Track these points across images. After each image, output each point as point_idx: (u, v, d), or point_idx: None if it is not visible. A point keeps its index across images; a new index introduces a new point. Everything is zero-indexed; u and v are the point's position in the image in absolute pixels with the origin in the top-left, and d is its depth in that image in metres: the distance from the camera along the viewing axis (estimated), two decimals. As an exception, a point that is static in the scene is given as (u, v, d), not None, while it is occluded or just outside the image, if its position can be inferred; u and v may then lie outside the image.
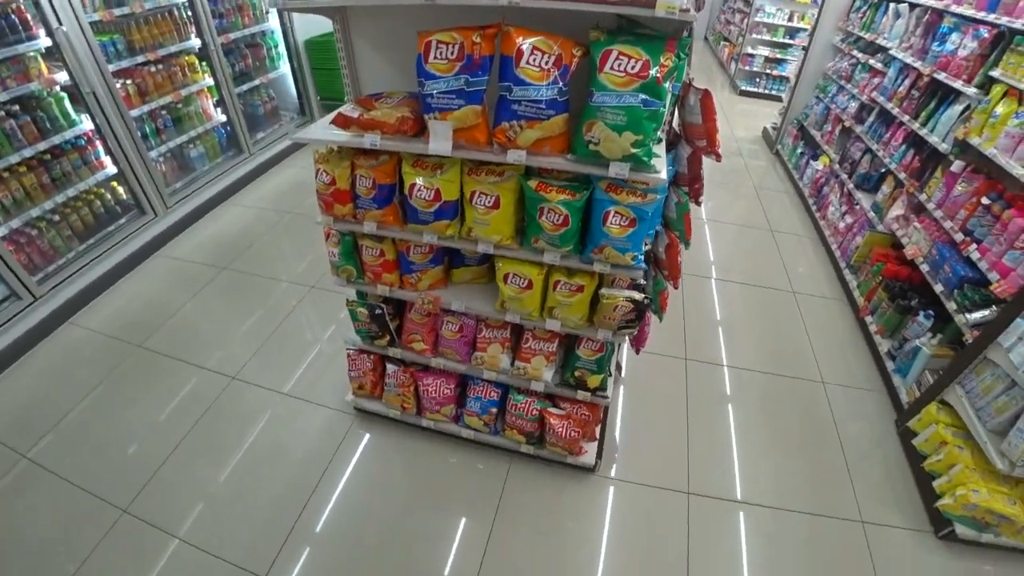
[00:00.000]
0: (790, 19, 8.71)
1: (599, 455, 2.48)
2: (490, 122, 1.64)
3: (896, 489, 2.56)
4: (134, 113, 3.83)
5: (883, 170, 4.24)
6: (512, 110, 1.57)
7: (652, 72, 1.48)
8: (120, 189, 3.95)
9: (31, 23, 3.14)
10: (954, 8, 3.56)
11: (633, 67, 1.48)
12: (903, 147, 3.88)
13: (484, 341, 2.26)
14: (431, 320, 2.28)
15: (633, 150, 1.55)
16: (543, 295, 2.00)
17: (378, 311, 2.23)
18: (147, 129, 4.05)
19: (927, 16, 3.88)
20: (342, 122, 1.71)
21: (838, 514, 2.42)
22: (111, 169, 3.78)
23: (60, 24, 3.20)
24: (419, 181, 1.76)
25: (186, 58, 4.22)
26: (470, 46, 1.52)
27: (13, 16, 3.05)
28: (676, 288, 2.22)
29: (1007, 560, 2.30)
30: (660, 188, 1.68)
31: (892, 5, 4.40)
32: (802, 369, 3.21)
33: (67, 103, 3.40)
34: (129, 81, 3.82)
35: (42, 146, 3.28)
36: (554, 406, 2.34)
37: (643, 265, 1.82)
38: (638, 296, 1.91)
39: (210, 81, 4.39)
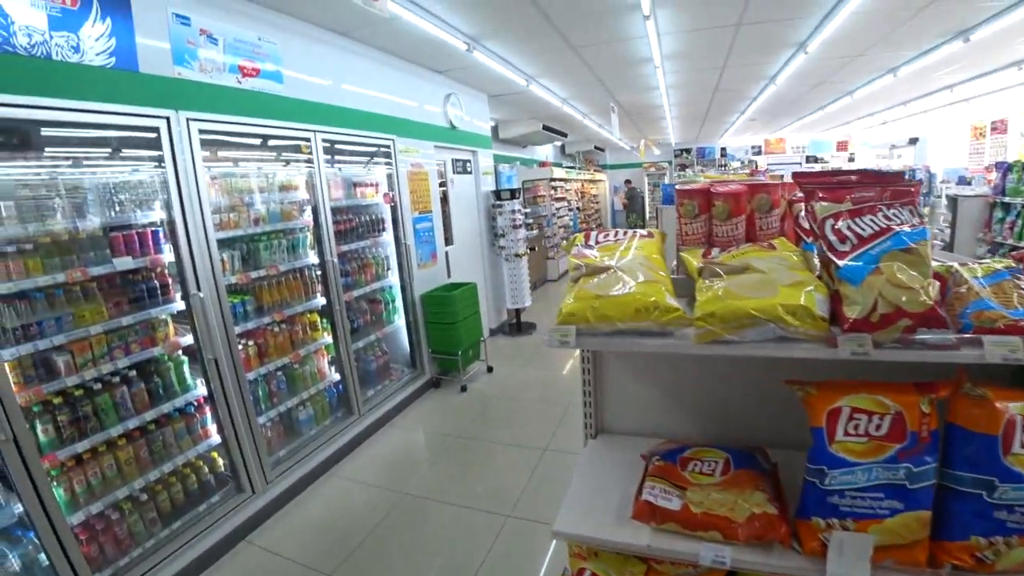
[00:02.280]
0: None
1: None
2: (931, 530, 1.01)
3: None
4: (250, 376, 3.52)
5: None
6: (995, 519, 0.93)
7: None
8: (220, 461, 3.45)
9: (170, 287, 3.00)
10: None
11: None
12: None
13: None
14: None
15: None
16: None
17: None
18: (260, 392, 3.70)
19: None
20: (648, 513, 1.11)
21: None
22: (215, 439, 3.33)
23: (199, 290, 3.05)
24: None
25: (308, 317, 4.08)
26: (915, 418, 0.95)
27: (155, 280, 2.93)
28: None
29: None
30: None
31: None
32: None
33: (186, 367, 3.12)
34: (251, 342, 3.60)
35: (150, 415, 2.87)
36: None
37: None
38: None
39: (329, 339, 4.19)
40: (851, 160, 13.26)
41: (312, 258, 4.07)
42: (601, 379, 1.51)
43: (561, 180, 8.89)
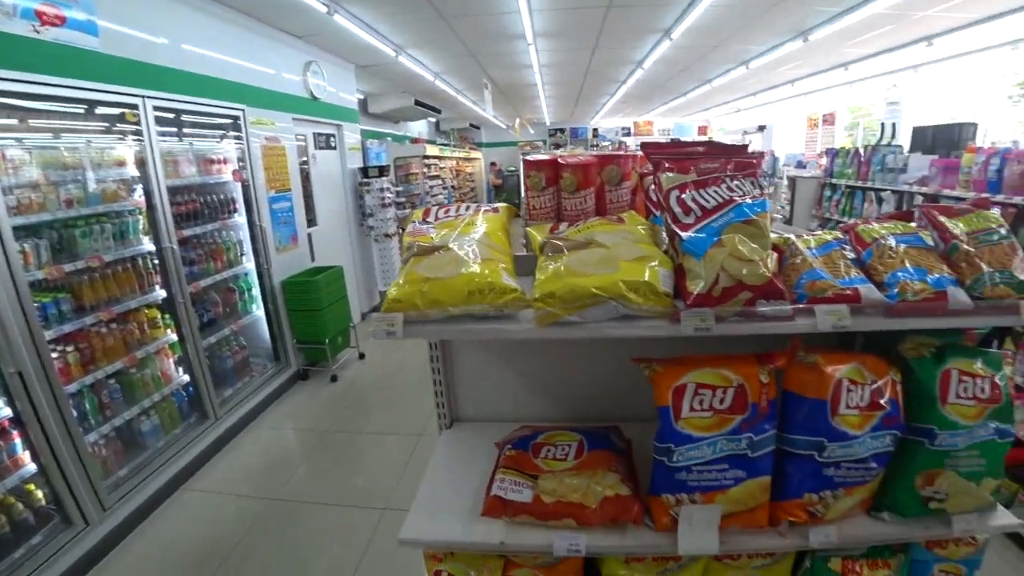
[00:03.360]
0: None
1: None
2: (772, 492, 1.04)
3: None
4: (71, 388, 2.96)
5: None
6: (823, 476, 0.98)
7: (1004, 392, 1.01)
8: (39, 493, 2.88)
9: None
10: (947, 192, 3.66)
11: (983, 391, 1.00)
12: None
13: None
14: None
15: (991, 499, 1.01)
16: None
17: None
18: (87, 406, 3.13)
19: (918, 200, 4.01)
20: (499, 509, 1.03)
21: None
22: (30, 467, 2.77)
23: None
24: (640, 587, 1.07)
25: (146, 312, 3.52)
26: (755, 389, 0.96)
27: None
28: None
29: None
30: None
31: (871, 193, 4.66)
32: None
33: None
34: (71, 348, 3.02)
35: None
36: None
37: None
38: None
39: (173, 337, 3.66)
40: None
41: (147, 245, 3.51)
42: (452, 365, 1.41)
43: (435, 157, 8.60)
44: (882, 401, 0.99)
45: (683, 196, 0.96)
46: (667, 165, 1.01)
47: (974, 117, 5.89)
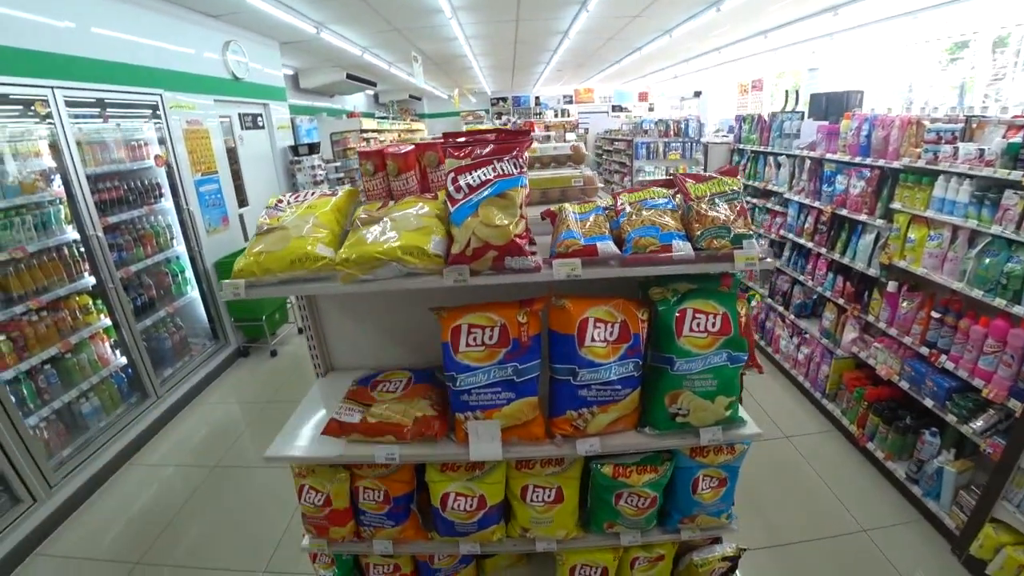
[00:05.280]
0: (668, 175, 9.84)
1: None
2: (546, 411, 1.33)
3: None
4: (6, 375, 3.09)
5: (815, 297, 4.47)
6: (580, 396, 1.28)
7: (734, 326, 1.29)
8: (-17, 477, 3.05)
9: None
10: (829, 156, 4.02)
11: (713, 324, 1.28)
12: (829, 275, 4.11)
13: (538, 640, 1.74)
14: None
15: (727, 413, 1.31)
16: (617, 577, 1.59)
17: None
18: (24, 391, 3.28)
19: (808, 164, 4.37)
20: (337, 429, 1.32)
21: None
22: (-30, 455, 2.93)
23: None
24: (454, 488, 1.37)
25: (77, 299, 3.63)
26: (515, 327, 1.25)
27: None
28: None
29: None
30: (747, 439, 1.43)
31: (771, 158, 5.02)
32: (838, 523, 2.94)
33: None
34: (2, 337, 3.14)
35: None
36: None
37: (736, 519, 1.51)
38: (732, 551, 1.57)
39: (107, 321, 3.78)
40: (651, 110, 14.82)
41: (72, 234, 3.59)
42: (321, 323, 1.66)
43: (373, 131, 8.52)
44: (627, 335, 1.28)
45: (458, 178, 1.21)
46: (452, 151, 1.26)
47: (904, 81, 6.13)
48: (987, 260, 2.61)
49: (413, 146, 1.45)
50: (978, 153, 2.67)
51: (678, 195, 1.42)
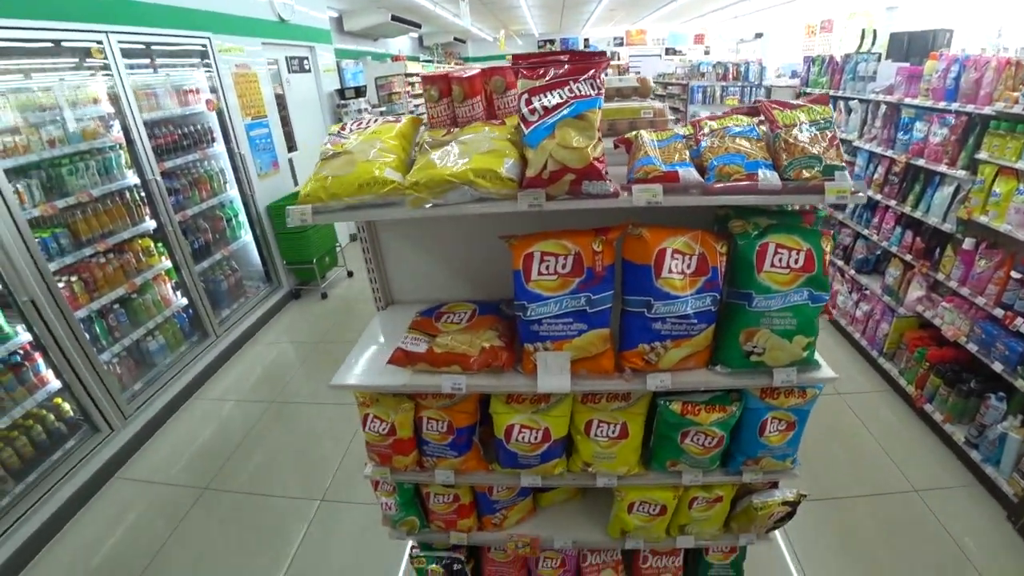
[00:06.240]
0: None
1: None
2: (616, 345, 1.30)
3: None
4: (80, 314, 3.28)
5: (879, 252, 4.23)
6: (653, 330, 1.23)
7: (817, 264, 1.21)
8: (66, 406, 3.28)
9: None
10: (908, 101, 3.70)
11: (796, 261, 1.21)
12: (898, 229, 3.87)
13: (593, 569, 1.78)
14: (521, 559, 1.78)
15: (804, 354, 1.24)
16: (675, 515, 1.58)
17: (457, 566, 1.71)
18: (97, 329, 3.49)
19: (883, 109, 4.04)
20: (403, 358, 1.32)
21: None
22: (54, 384, 3.15)
23: (-8, 232, 2.73)
24: (519, 421, 1.36)
25: (140, 243, 3.78)
26: (589, 256, 1.20)
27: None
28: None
29: None
30: (820, 384, 1.36)
31: (841, 103, 4.66)
32: (889, 482, 2.88)
33: (-1, 316, 2.85)
34: (75, 278, 3.31)
35: (-37, 375, 2.67)
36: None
37: (800, 465, 1.46)
38: (793, 496, 1.54)
39: (168, 264, 3.94)
40: (707, 53, 13.95)
41: (132, 178, 3.71)
42: (382, 255, 1.66)
43: (418, 75, 8.35)
44: (706, 267, 1.22)
45: (532, 99, 1.15)
46: (524, 72, 1.19)
47: (993, 24, 5.51)
48: (1085, 217, 2.38)
49: (479, 70, 1.38)
50: (1089, 93, 2.39)
51: (762, 124, 1.31)
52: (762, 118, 1.34)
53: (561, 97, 1.13)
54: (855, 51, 5.01)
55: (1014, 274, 2.73)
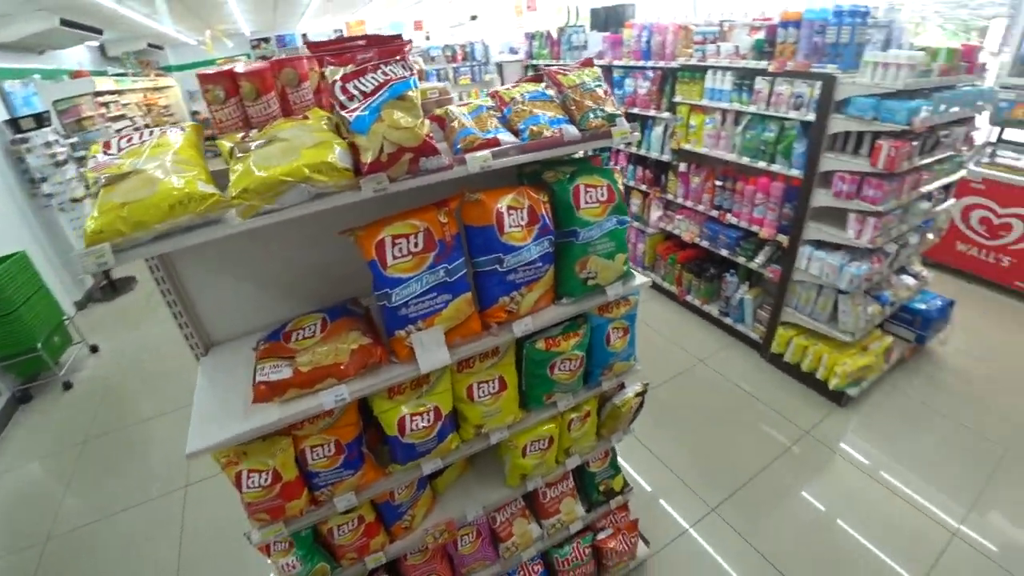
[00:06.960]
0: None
1: (644, 540, 2.31)
2: (477, 305, 1.37)
3: (799, 396, 3.26)
4: None
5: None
6: (508, 282, 1.35)
7: (617, 194, 1.47)
8: None
9: None
10: (616, 63, 4.51)
11: (602, 195, 1.46)
12: (630, 167, 4.72)
13: (505, 525, 1.88)
14: (440, 550, 1.78)
15: (624, 267, 1.52)
16: (559, 443, 1.77)
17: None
18: None
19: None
20: (268, 392, 1.19)
21: (789, 439, 2.96)
22: None
23: None
24: (408, 410, 1.35)
25: None
26: (438, 229, 1.24)
27: None
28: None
29: (876, 392, 3.24)
30: (637, 289, 1.66)
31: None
32: (680, 362, 3.70)
33: None
34: None
35: None
36: (597, 530, 2.10)
37: (639, 361, 1.79)
38: (640, 387, 1.87)
39: None
40: (427, 38, 14.51)
41: None
42: (185, 290, 1.41)
43: (113, 93, 6.69)
44: (536, 217, 1.37)
45: (346, 85, 1.11)
46: (329, 60, 1.14)
47: None
48: (749, 133, 3.29)
49: (268, 63, 1.26)
50: (734, 50, 3.27)
51: (549, 88, 1.50)
52: (547, 83, 1.52)
53: (377, 81, 1.12)
54: (565, 24, 5.82)
55: (717, 182, 3.64)
